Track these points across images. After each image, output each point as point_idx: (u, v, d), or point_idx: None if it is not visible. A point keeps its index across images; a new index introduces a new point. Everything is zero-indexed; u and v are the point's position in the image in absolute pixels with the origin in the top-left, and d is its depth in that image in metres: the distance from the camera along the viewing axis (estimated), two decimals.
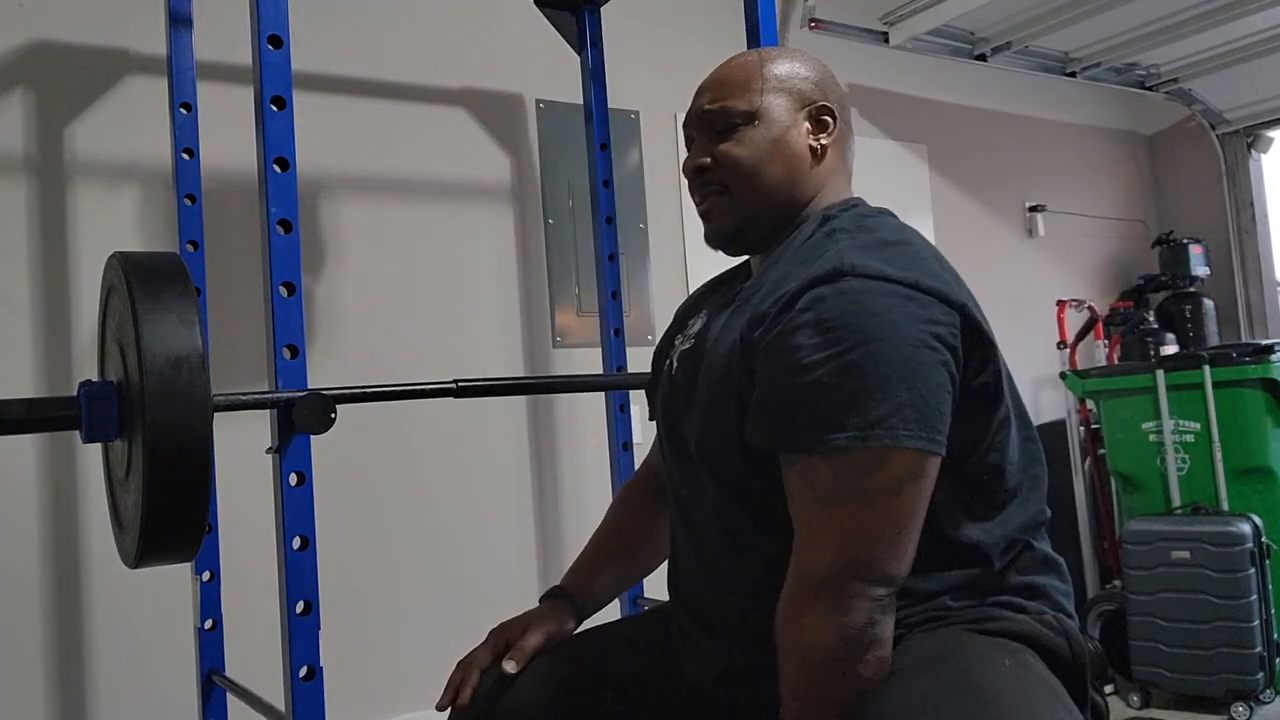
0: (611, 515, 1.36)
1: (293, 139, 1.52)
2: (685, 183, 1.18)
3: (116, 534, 1.39)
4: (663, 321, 2.98)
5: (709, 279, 1.33)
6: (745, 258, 1.22)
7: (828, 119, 1.13)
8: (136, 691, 2.14)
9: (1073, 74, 3.95)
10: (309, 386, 1.48)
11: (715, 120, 1.12)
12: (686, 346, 1.15)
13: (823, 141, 1.12)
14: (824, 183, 1.13)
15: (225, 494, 2.10)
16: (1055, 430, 3.55)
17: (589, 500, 2.77)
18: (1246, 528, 2.61)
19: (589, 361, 2.78)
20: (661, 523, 1.27)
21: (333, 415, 1.46)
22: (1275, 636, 2.62)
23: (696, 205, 1.17)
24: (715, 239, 1.16)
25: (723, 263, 1.28)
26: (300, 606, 1.45)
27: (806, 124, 1.12)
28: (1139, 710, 2.71)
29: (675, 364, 1.15)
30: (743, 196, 1.11)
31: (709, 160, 1.12)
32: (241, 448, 2.01)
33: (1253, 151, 4.43)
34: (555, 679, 1.13)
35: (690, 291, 3.02)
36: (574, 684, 1.14)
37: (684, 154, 1.22)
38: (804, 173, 1.11)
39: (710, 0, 3.15)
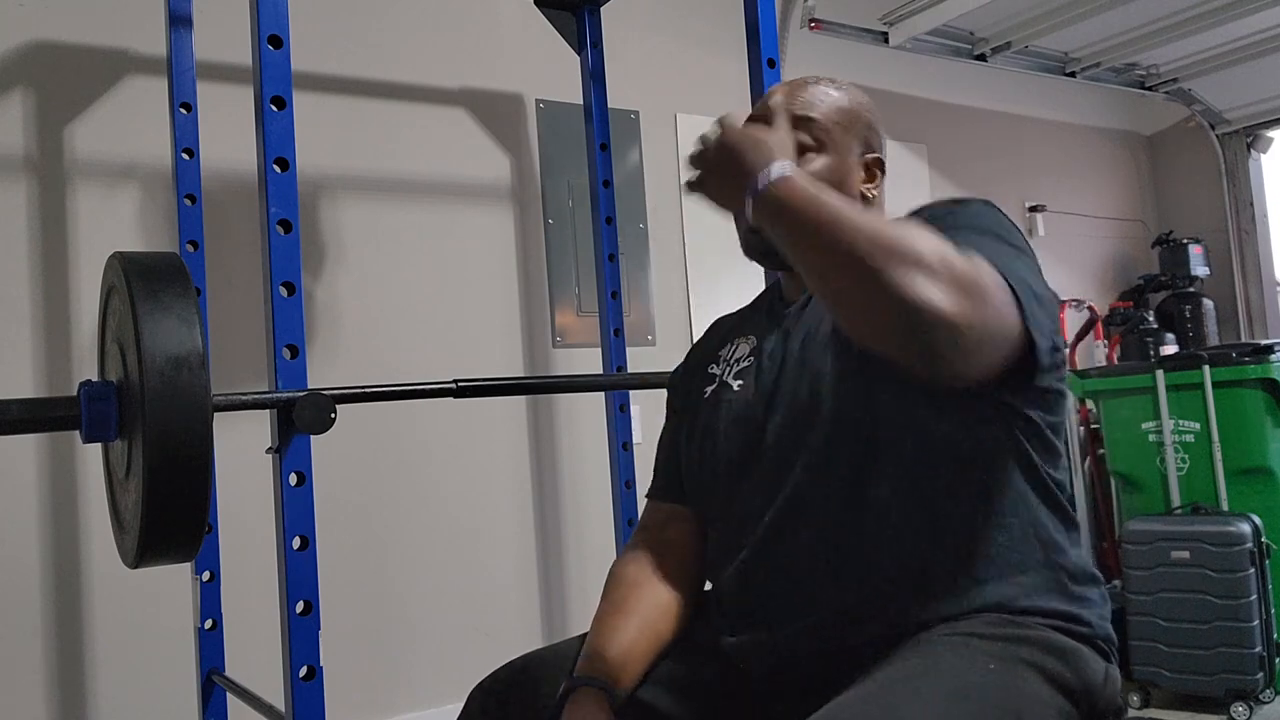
0: (624, 585, 1.18)
1: (293, 139, 1.52)
2: (685, 182, 1.18)
3: (116, 534, 1.39)
4: (663, 321, 3.00)
5: (718, 318, 1.36)
6: (760, 293, 1.27)
7: (877, 171, 1.19)
8: (136, 691, 2.14)
9: (1073, 74, 3.95)
10: (309, 386, 1.48)
11: (798, 127, 1.14)
12: (746, 364, 1.17)
13: (872, 191, 1.18)
14: None
15: (225, 494, 2.10)
16: None
17: (589, 500, 2.77)
18: (1246, 528, 2.60)
19: (589, 361, 2.78)
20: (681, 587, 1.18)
21: (333, 415, 1.46)
22: (1275, 636, 2.61)
23: None
24: (753, 249, 1.16)
25: (723, 265, 1.28)
26: (300, 606, 1.45)
27: (862, 171, 1.17)
28: (1139, 710, 2.71)
29: (739, 382, 1.16)
30: None
31: None
32: (241, 448, 2.01)
33: (1253, 151, 4.43)
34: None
35: (689, 293, 3.04)
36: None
37: (684, 154, 1.22)
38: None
39: (710, 0, 3.15)
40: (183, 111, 2.10)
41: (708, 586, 1.21)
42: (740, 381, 1.16)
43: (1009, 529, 1.01)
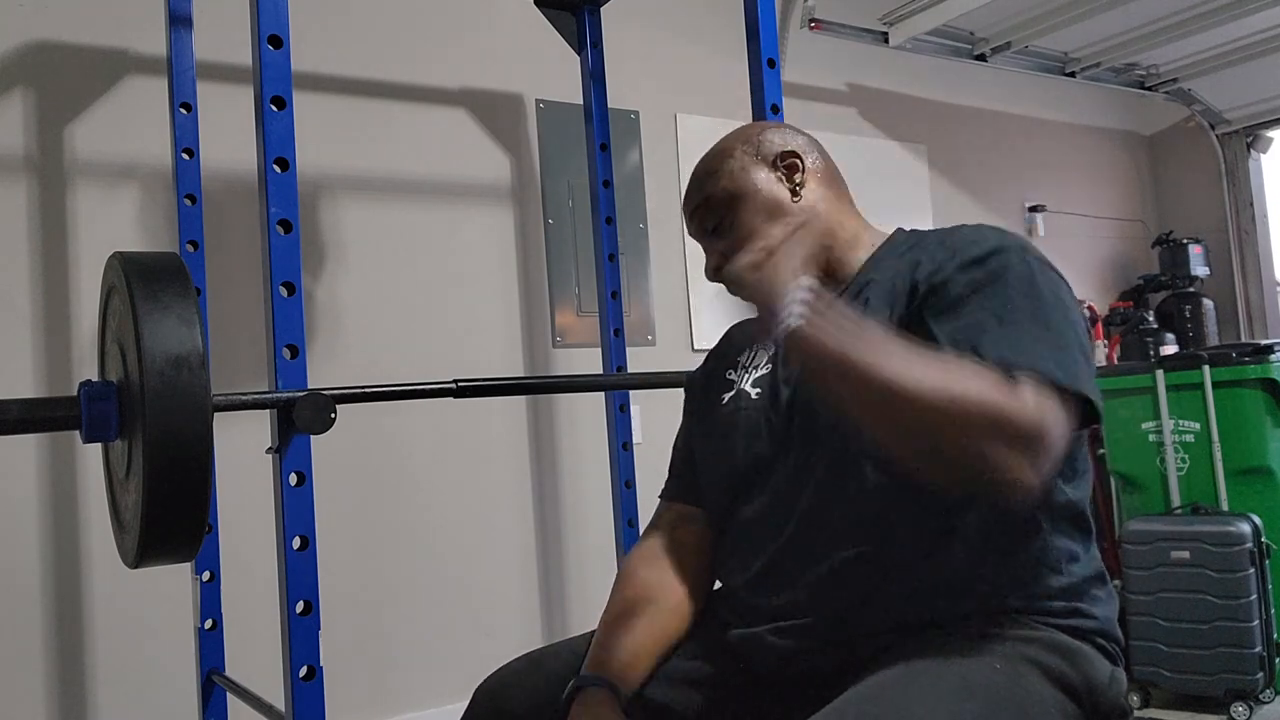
0: (633, 585, 1.19)
1: (293, 139, 1.52)
2: (685, 183, 1.21)
3: (116, 534, 1.39)
4: (663, 321, 3.00)
5: (739, 321, 1.35)
6: None
7: (795, 161, 1.16)
8: (136, 691, 2.14)
9: (1073, 74, 3.95)
10: (309, 386, 1.48)
11: (705, 222, 1.21)
12: (765, 372, 1.17)
13: (797, 183, 1.16)
14: (827, 215, 1.16)
15: (225, 494, 2.10)
16: None
17: (589, 500, 2.77)
18: (1246, 528, 2.60)
19: (589, 361, 2.78)
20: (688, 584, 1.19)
21: (333, 415, 1.46)
22: (1275, 636, 2.61)
23: None
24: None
25: None
26: (300, 606, 1.45)
27: (781, 183, 1.16)
28: (1139, 710, 2.71)
29: (756, 390, 1.16)
30: None
31: (719, 266, 1.21)
32: (241, 448, 2.01)
33: (1252, 151, 4.43)
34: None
35: (689, 293, 3.04)
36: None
37: (684, 154, 1.24)
38: (791, 210, 1.15)
39: (710, 0, 3.15)
40: (183, 111, 2.10)
41: (716, 587, 1.22)
42: (758, 390, 1.17)
43: (1023, 536, 1.01)
